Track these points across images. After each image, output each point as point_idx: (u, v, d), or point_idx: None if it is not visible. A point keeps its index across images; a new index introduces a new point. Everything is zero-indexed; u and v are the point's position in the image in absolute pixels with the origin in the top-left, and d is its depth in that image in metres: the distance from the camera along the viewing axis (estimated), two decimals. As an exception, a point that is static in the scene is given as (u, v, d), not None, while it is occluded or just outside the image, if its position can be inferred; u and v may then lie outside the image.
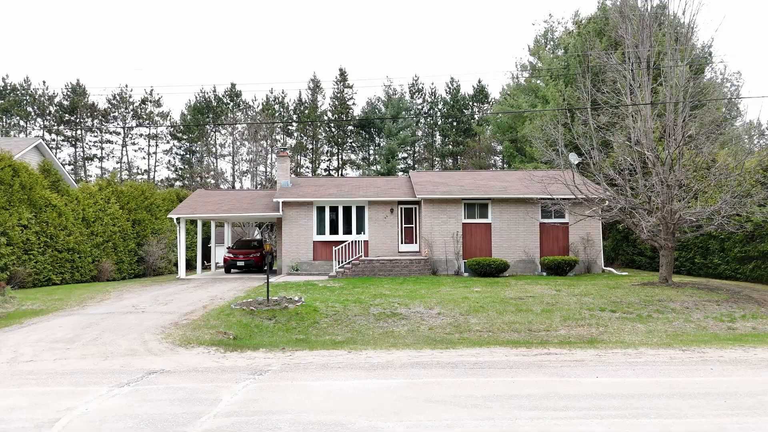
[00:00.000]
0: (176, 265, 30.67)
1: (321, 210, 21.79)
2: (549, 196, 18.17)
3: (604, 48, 26.06)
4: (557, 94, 28.79)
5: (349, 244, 20.59)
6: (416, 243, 21.97)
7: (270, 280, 19.20)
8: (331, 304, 13.61)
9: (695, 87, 17.45)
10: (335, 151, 56.80)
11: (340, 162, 56.38)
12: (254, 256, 23.49)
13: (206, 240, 33.71)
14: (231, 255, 23.68)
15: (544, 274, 20.12)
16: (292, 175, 39.20)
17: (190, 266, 29.83)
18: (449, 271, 20.43)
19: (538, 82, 37.10)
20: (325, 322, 12.28)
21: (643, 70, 16.03)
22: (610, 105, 16.51)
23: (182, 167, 55.69)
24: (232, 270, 23.95)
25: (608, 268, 21.03)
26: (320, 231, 21.76)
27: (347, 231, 21.79)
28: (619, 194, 16.00)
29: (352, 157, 57.23)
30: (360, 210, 21.87)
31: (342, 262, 20.23)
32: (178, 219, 21.61)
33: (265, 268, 26.89)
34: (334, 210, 21.87)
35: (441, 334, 11.55)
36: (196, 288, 18.05)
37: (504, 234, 20.82)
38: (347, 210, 21.88)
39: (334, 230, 21.83)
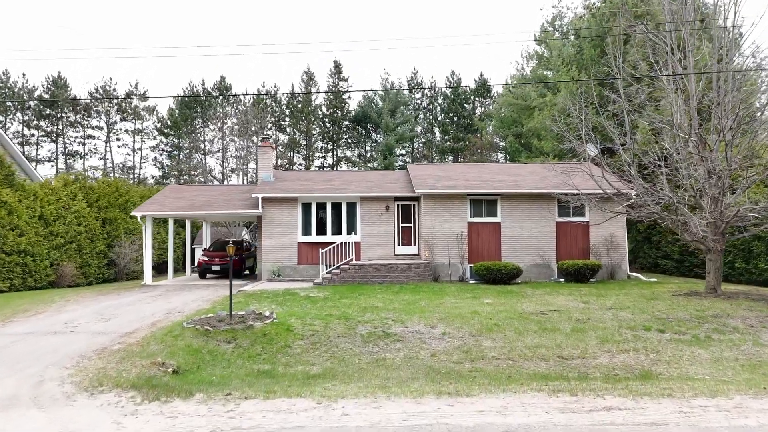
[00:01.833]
0: (154, 267, 28.10)
1: (307, 207, 19.15)
2: (570, 191, 15.55)
3: (623, 30, 23.45)
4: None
5: (338, 245, 17.97)
6: (415, 245, 19.36)
7: (245, 287, 16.59)
8: (310, 320, 10.99)
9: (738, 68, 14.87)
10: (330, 147, 54.14)
11: (335, 159, 53.77)
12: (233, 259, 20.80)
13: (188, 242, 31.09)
14: (206, 258, 21.03)
15: (562, 280, 17.51)
16: (282, 169, 36.57)
17: (163, 270, 27.21)
18: (453, 277, 17.82)
19: (547, 73, 34.51)
20: (300, 346, 9.67)
21: (686, 37, 13.41)
22: (649, 76, 13.83)
23: (169, 164, 53.00)
24: (208, 275, 21.30)
25: (634, 274, 18.42)
26: (306, 231, 19.12)
27: (337, 231, 19.17)
28: (658, 188, 13.36)
29: (348, 153, 54.59)
30: (351, 207, 19.24)
31: (330, 267, 17.61)
32: (143, 217, 18.95)
33: (246, 272, 24.35)
34: (321, 207, 19.24)
35: (447, 363, 8.96)
36: (157, 298, 15.42)
37: (515, 234, 18.20)
38: (337, 207, 19.25)
39: (321, 230, 19.20)
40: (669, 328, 10.49)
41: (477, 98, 54.85)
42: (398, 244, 19.26)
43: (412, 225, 19.43)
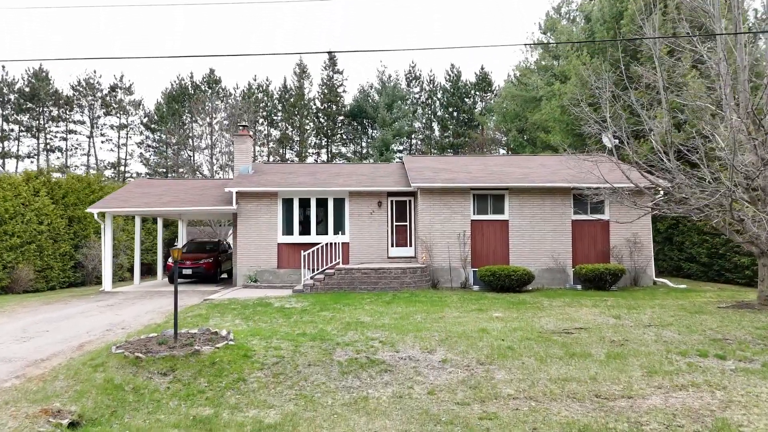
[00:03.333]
0: (130, 270, 25.93)
1: (288, 203, 16.92)
2: (593, 184, 13.32)
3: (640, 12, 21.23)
4: (581, 67, 24.00)
5: (323, 247, 15.74)
6: (411, 246, 17.14)
7: (213, 296, 14.34)
8: (277, 342, 8.77)
9: None
10: (324, 143, 51.88)
11: (330, 155, 51.50)
12: (205, 262, 18.58)
13: (170, 242, 28.87)
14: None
15: (579, 287, 15.32)
16: (276, 163, 34.04)
17: (142, 273, 24.97)
18: (454, 283, 15.60)
19: (555, 62, 32.33)
20: (257, 380, 7.43)
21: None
22: (701, 36, 11.52)
23: (157, 160, 50.72)
24: (179, 280, 19.03)
25: (661, 280, 16.23)
26: (287, 230, 16.89)
27: (323, 231, 16.96)
28: (703, 178, 11.12)
29: (343, 150, 52.31)
30: (339, 203, 17.01)
31: (315, 271, 15.38)
32: (101, 214, 16.70)
33: (223, 275, 22.07)
34: (305, 203, 17.01)
35: (449, 405, 6.72)
36: (108, 308, 13.18)
37: (525, 234, 15.99)
38: (322, 203, 17.03)
39: (305, 230, 16.98)
40: (730, 354, 8.26)
41: (478, 92, 52.61)
42: (392, 246, 17.03)
43: (407, 224, 17.21)
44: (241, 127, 18.64)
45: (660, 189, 10.95)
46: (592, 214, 15.96)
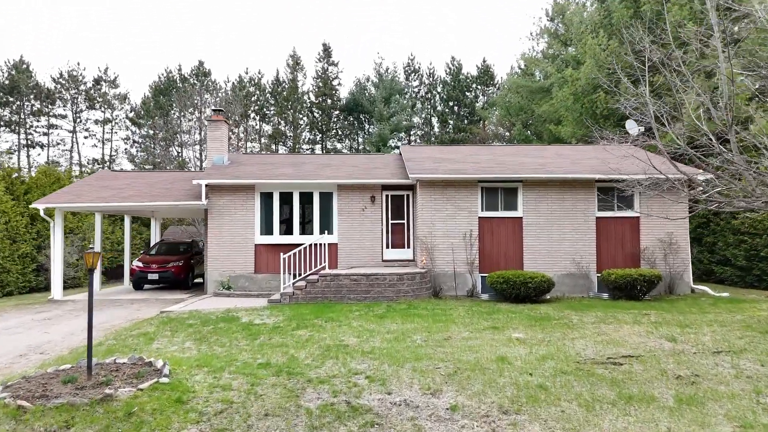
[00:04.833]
0: (104, 273, 23.71)
1: (267, 198, 14.70)
2: (632, 175, 11.09)
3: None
4: (597, 49, 21.79)
5: (305, 249, 13.53)
6: (409, 248, 14.93)
7: (173, 307, 12.05)
8: (228, 378, 6.56)
9: None
10: (318, 138, 49.61)
11: (324, 151, 49.24)
12: (174, 266, 16.33)
13: (147, 243, 26.66)
14: (140, 264, 16.50)
15: (605, 296, 13.11)
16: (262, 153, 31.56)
17: (117, 276, 22.80)
18: (459, 290, 13.39)
19: (570, 50, 30.16)
20: (189, 441, 5.19)
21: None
22: None
23: (144, 156, 48.39)
24: (145, 286, 16.79)
25: (700, 287, 14.03)
26: (267, 230, 14.67)
27: (307, 230, 14.74)
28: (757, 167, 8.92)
29: (338, 145, 50.06)
30: (326, 198, 14.80)
31: (297, 277, 13.16)
32: (49, 211, 14.44)
33: (198, 280, 19.75)
34: (287, 198, 14.79)
35: (464, 488, 4.50)
36: (41, 323, 10.95)
37: (543, 234, 13.78)
38: (307, 198, 14.81)
39: (287, 229, 14.77)
40: (843, 397, 6.04)
41: (479, 86, 50.36)
42: (387, 247, 14.82)
43: (405, 222, 15.00)
44: (214, 112, 16.40)
45: (721, 176, 8.78)
46: (619, 210, 13.76)
